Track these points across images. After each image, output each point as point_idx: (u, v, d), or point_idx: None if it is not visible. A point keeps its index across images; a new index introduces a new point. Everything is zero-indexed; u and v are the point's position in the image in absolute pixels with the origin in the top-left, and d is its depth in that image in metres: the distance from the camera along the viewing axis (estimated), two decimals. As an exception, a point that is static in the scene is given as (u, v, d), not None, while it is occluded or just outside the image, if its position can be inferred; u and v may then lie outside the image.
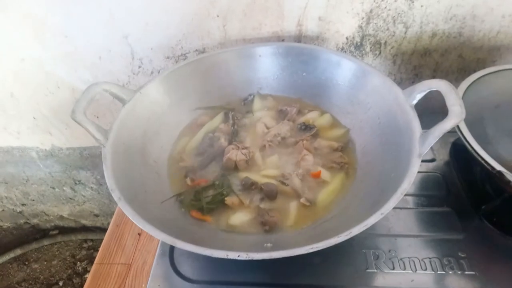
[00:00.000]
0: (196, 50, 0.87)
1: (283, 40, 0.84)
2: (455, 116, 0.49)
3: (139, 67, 0.92)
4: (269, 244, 0.49)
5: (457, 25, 0.80)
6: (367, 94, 0.67)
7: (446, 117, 0.50)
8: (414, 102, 0.57)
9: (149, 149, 0.65)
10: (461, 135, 0.58)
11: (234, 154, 0.63)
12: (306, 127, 0.69)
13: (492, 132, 0.68)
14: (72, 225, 1.64)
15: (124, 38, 0.86)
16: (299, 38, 0.83)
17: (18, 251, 1.55)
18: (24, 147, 1.24)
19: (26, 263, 1.55)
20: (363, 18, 0.79)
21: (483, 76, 0.71)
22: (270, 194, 0.58)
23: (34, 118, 1.11)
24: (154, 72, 0.93)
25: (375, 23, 0.80)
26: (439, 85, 0.54)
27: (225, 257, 0.41)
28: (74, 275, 1.49)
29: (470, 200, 0.65)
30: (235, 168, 0.63)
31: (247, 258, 0.40)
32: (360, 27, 0.81)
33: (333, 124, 0.71)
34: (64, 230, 1.62)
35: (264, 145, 0.67)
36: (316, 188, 0.60)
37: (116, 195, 0.49)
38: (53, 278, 1.47)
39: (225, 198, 0.58)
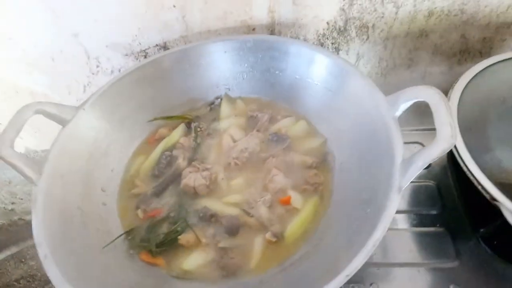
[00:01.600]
0: (157, 45, 0.76)
1: (253, 29, 0.72)
2: (444, 141, 0.39)
3: (97, 66, 0.82)
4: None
5: (458, 1, 0.67)
6: (346, 98, 0.56)
7: (433, 140, 0.40)
8: (398, 113, 0.47)
9: (95, 176, 0.57)
10: (454, 150, 0.49)
11: (192, 179, 0.55)
12: (278, 138, 0.60)
13: (495, 134, 0.57)
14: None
15: (74, 37, 0.76)
16: (272, 26, 0.71)
17: (14, 249, 1.55)
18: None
19: (23, 260, 1.55)
20: (344, -1, 0.67)
21: (489, 66, 0.60)
22: (230, 229, 0.50)
23: (0, 123, 1.03)
24: (115, 71, 0.83)
25: (360, 4, 0.67)
26: (427, 95, 0.44)
27: None
28: (71, 271, 1.48)
29: (467, 217, 0.56)
30: (195, 194, 0.55)
31: None
32: (342, 9, 0.68)
33: (309, 132, 0.61)
34: (58, 226, 1.60)
35: (229, 163, 0.58)
36: (286, 218, 0.51)
37: (42, 251, 0.42)
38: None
39: (179, 237, 0.50)
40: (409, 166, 0.41)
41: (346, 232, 0.44)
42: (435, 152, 0.39)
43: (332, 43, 0.74)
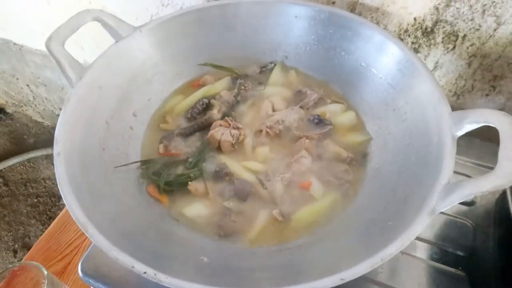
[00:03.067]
0: (231, -7, 0.73)
1: (333, 2, 0.67)
2: (503, 176, 0.34)
3: (169, -1, 0.82)
4: (205, 259, 0.40)
5: None
6: (407, 101, 0.51)
7: (491, 171, 0.34)
8: (460, 133, 0.41)
9: (132, 98, 0.57)
10: (509, 193, 0.42)
11: (220, 133, 0.53)
12: (320, 121, 0.56)
13: None
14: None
15: (155, -38, 0.75)
16: (354, 4, 0.66)
17: (50, 150, 1.66)
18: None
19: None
20: (443, -3, 0.59)
21: None
22: (240, 194, 0.48)
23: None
24: (183, 8, 0.81)
25: (457, 8, 0.60)
26: (499, 121, 0.38)
27: (130, 268, 0.33)
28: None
29: (496, 271, 0.50)
30: (218, 148, 0.53)
31: (152, 279, 0.32)
32: (436, 8, 0.61)
33: (356, 126, 0.56)
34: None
35: (260, 130, 0.55)
36: (299, 202, 0.48)
37: (57, 148, 0.42)
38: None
39: (189, 183, 0.49)
40: (452, 191, 0.36)
41: (358, 236, 0.40)
42: (488, 185, 0.34)
43: (413, 42, 0.67)
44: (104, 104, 0.52)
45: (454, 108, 0.44)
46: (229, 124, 0.55)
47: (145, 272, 0.33)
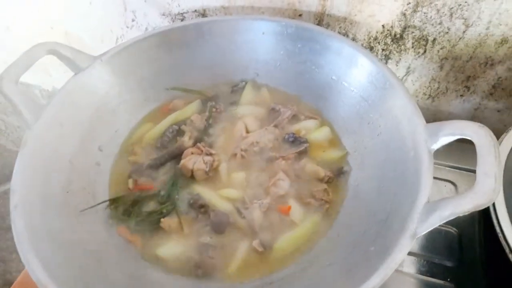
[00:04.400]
0: (196, 11, 0.71)
1: (300, 15, 0.65)
2: (483, 194, 0.32)
3: (133, 20, 0.79)
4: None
5: (542, 33, 0.57)
6: (381, 114, 0.50)
7: (470, 189, 0.33)
8: (435, 147, 0.40)
9: (97, 132, 0.54)
10: (491, 207, 0.41)
11: (192, 161, 0.50)
12: (295, 140, 0.54)
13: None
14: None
15: (114, -16, 0.73)
16: (320, 16, 0.65)
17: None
18: (28, 83, 1.19)
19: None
20: (409, 3, 0.58)
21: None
22: (217, 226, 0.46)
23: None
24: (149, 29, 0.79)
25: (425, 13, 0.59)
26: (475, 134, 0.37)
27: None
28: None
29: (486, 281, 0.49)
30: (192, 177, 0.51)
31: None
32: (404, 14, 0.60)
33: (331, 141, 0.55)
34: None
35: (235, 154, 0.53)
36: (279, 229, 0.46)
37: (14, 200, 0.39)
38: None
39: (162, 219, 0.46)
40: (432, 212, 0.35)
41: (341, 265, 0.39)
42: (468, 205, 0.32)
43: (383, 49, 0.66)
44: (66, 142, 0.49)
45: (430, 110, 0.43)
46: (202, 151, 0.52)
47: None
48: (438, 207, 0.34)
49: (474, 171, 0.35)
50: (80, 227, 0.43)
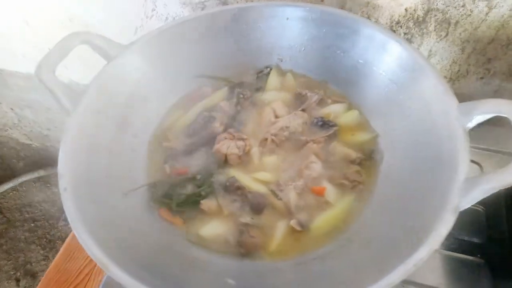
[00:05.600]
0: (217, -1, 0.71)
1: (322, 0, 0.66)
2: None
3: (153, 10, 0.80)
4: (230, 281, 0.39)
5: None
6: (410, 96, 0.51)
7: (509, 165, 0.34)
8: (470, 125, 0.41)
9: (131, 119, 0.55)
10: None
11: (226, 146, 0.52)
12: (324, 123, 0.55)
13: None
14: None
15: (137, -26, 0.73)
16: (344, 1, 0.65)
17: (42, 172, 1.62)
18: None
19: (48, 185, 1.62)
20: (433, -15, 0.59)
21: None
22: (256, 207, 0.47)
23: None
24: (169, 19, 0.80)
25: (449, -5, 0.60)
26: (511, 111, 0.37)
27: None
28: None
29: (515, 257, 0.50)
30: (225, 162, 0.52)
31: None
32: (427, -3, 0.61)
33: (360, 124, 0.56)
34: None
35: (266, 139, 0.54)
36: (315, 209, 0.48)
37: (63, 183, 0.41)
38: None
39: (201, 201, 0.48)
40: (473, 187, 0.36)
41: (382, 242, 0.40)
42: (510, 178, 0.33)
43: (405, 33, 0.67)
44: (104, 129, 0.50)
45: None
46: (233, 136, 0.53)
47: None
48: (480, 182, 0.35)
49: (498, 152, 0.36)
50: (125, 209, 0.45)
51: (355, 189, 0.49)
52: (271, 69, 0.64)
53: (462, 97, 0.73)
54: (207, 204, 0.48)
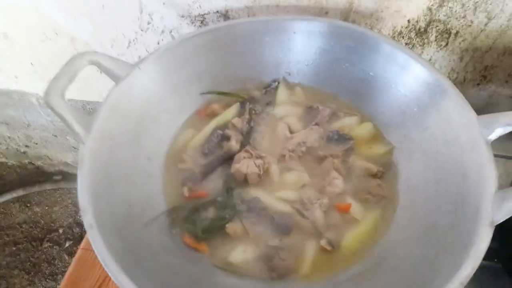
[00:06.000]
0: (217, 11, 0.70)
1: (326, 13, 0.66)
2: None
3: (149, 23, 0.77)
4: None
5: (560, 23, 0.60)
6: (425, 108, 0.51)
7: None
8: (492, 137, 0.42)
9: (143, 142, 0.53)
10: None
11: (245, 165, 0.51)
12: (340, 137, 0.55)
13: None
14: (76, 172, 1.59)
15: (132, -13, 0.70)
16: (347, 13, 0.66)
17: (21, 192, 1.53)
18: (23, 91, 1.14)
19: (28, 205, 1.53)
20: (436, -2, 0.60)
21: None
22: (283, 228, 0.46)
23: (32, 64, 0.98)
24: (165, 32, 0.78)
25: (450, 7, 0.61)
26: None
27: None
28: (75, 225, 1.47)
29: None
30: (245, 181, 0.51)
31: None
32: (429, 9, 0.62)
33: (375, 137, 0.56)
34: (68, 177, 1.58)
35: (283, 155, 0.53)
36: (342, 227, 0.47)
37: (87, 220, 0.38)
38: (53, 224, 1.46)
39: (226, 225, 0.46)
40: (505, 199, 0.37)
41: (419, 257, 0.40)
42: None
43: (406, 43, 0.68)
44: (118, 154, 0.48)
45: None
46: (252, 155, 0.52)
47: None
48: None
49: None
50: (149, 240, 0.43)
51: (379, 204, 0.49)
52: (278, 83, 0.63)
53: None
54: (232, 227, 0.46)
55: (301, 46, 0.62)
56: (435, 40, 0.67)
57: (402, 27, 0.66)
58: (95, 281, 0.66)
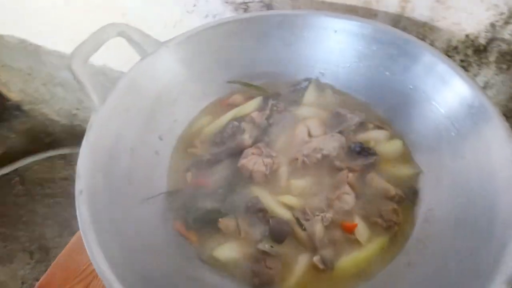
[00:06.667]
0: (261, 1, 0.68)
1: (375, 15, 0.61)
2: None
3: (194, 5, 0.77)
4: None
5: None
6: (465, 134, 0.45)
7: None
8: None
9: (158, 120, 0.52)
10: None
11: (252, 162, 0.48)
12: (363, 150, 0.50)
13: None
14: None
15: (181, -33, 0.70)
16: (398, 18, 0.60)
17: (67, 150, 1.64)
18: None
19: (71, 163, 1.64)
20: (502, 13, 0.53)
21: None
22: (277, 235, 0.43)
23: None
24: (209, 16, 0.77)
25: (520, 26, 0.53)
26: None
27: None
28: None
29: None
30: (249, 178, 0.49)
31: None
32: (493, 26, 0.55)
33: (402, 157, 0.51)
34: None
35: (296, 159, 0.50)
36: (342, 247, 0.43)
37: (79, 185, 0.38)
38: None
39: (220, 219, 0.44)
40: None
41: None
42: None
43: (461, 60, 0.61)
44: (129, 128, 0.48)
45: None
46: (262, 152, 0.50)
47: None
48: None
49: None
50: (140, 217, 0.42)
51: (389, 231, 0.44)
52: (309, 83, 0.60)
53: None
54: (225, 223, 0.44)
55: (340, 47, 0.58)
56: (495, 62, 0.59)
57: (458, 41, 0.59)
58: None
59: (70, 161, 1.67)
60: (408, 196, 0.46)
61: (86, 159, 0.41)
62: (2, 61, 1.48)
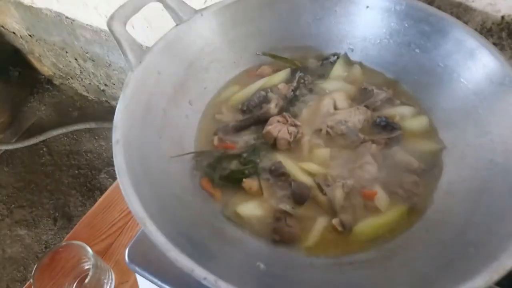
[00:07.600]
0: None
1: (409, -7, 0.61)
2: None
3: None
4: (261, 265, 0.38)
5: None
6: (493, 111, 0.45)
7: None
8: None
9: (189, 86, 0.54)
10: None
11: (277, 129, 0.50)
12: (388, 124, 0.51)
13: None
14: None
15: None
16: (433, -4, 0.59)
17: (93, 125, 1.70)
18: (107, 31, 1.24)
19: (96, 137, 1.70)
20: (543, -7, 0.52)
21: None
22: (298, 198, 0.45)
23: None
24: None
25: (560, 8, 0.52)
26: None
27: (189, 272, 0.31)
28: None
29: None
30: (273, 145, 0.50)
31: (211, 286, 0.30)
32: (532, 6, 0.54)
33: (427, 133, 0.51)
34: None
35: (320, 129, 0.51)
36: (361, 213, 0.44)
37: (116, 135, 0.41)
38: (113, 159, 1.59)
39: (244, 179, 0.46)
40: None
41: (434, 260, 0.36)
42: None
43: (494, 43, 0.60)
44: (162, 90, 0.50)
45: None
46: (287, 121, 0.51)
47: (205, 278, 0.31)
48: None
49: None
50: (170, 172, 0.45)
51: (409, 201, 0.45)
52: (338, 58, 0.60)
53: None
54: (249, 183, 0.46)
55: (371, 22, 0.58)
56: (531, 45, 0.58)
57: (493, 23, 0.58)
58: (126, 208, 0.71)
59: (96, 135, 1.73)
60: (430, 170, 0.47)
61: (123, 113, 0.43)
62: (38, 35, 1.54)
